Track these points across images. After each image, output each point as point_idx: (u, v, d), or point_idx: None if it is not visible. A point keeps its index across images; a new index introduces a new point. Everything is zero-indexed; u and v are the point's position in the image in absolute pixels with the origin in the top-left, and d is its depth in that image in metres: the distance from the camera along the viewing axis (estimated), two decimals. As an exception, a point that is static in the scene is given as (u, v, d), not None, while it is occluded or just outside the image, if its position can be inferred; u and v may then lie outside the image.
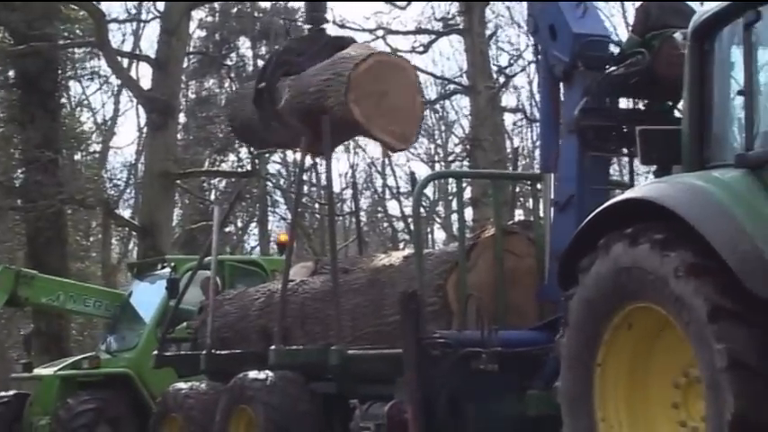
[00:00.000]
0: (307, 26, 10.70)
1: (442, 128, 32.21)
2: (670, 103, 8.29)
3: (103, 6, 26.50)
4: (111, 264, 31.91)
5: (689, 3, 8.25)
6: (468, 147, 26.06)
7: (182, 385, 10.95)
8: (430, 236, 33.53)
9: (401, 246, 30.27)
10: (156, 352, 11.84)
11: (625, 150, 8.33)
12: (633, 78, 8.11)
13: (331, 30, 10.70)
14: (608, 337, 6.36)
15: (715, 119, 6.48)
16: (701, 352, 5.69)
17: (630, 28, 8.84)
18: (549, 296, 8.12)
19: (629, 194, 6.58)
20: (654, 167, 7.60)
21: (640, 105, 8.45)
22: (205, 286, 11.39)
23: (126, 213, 31.01)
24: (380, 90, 9.29)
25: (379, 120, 9.24)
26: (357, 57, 9.44)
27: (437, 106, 32.19)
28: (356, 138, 10.68)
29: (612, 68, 8.22)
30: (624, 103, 8.42)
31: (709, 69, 6.50)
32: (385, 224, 36.91)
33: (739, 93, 6.24)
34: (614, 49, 8.41)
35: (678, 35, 7.74)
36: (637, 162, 8.01)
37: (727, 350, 5.49)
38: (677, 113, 7.99)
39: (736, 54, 6.31)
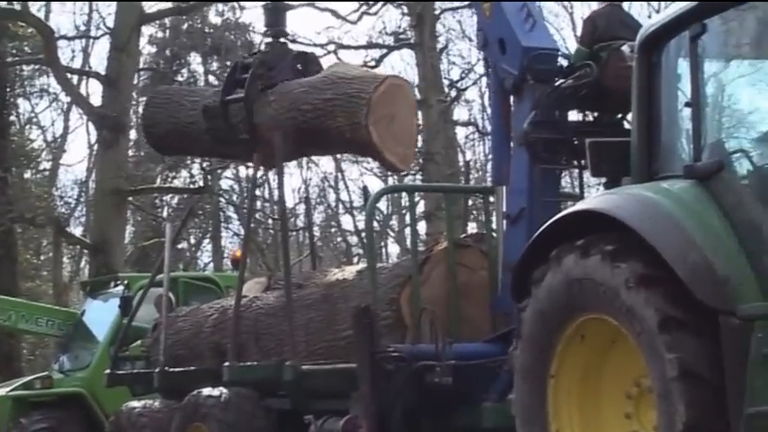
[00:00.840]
0: (267, 39, 10.57)
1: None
2: (619, 116, 8.35)
3: (52, 23, 26.42)
4: (63, 282, 31.67)
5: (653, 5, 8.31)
6: (420, 160, 26.12)
7: (135, 404, 10.86)
8: (384, 250, 33.60)
9: (355, 260, 30.30)
10: (108, 370, 11.74)
11: (575, 163, 8.38)
12: (582, 91, 8.17)
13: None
14: (561, 349, 6.39)
15: (663, 131, 6.53)
16: (652, 362, 5.73)
17: (578, 39, 8.91)
18: (503, 308, 8.16)
19: (579, 206, 6.62)
20: (604, 179, 7.66)
21: (590, 118, 8.50)
22: (159, 304, 11.33)
23: (77, 231, 30.83)
24: (391, 113, 9.33)
25: (389, 142, 9.29)
26: (368, 78, 9.52)
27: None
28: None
29: (561, 81, 8.28)
30: (574, 115, 8.48)
31: (656, 81, 6.56)
32: (339, 239, 36.93)
33: (687, 104, 6.28)
34: (563, 62, 8.47)
35: (626, 47, 7.81)
36: (587, 174, 8.06)
37: (678, 360, 5.53)
38: (626, 125, 8.05)
39: (683, 66, 6.36)
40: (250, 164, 11.15)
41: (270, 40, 10.47)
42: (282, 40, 10.44)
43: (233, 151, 10.60)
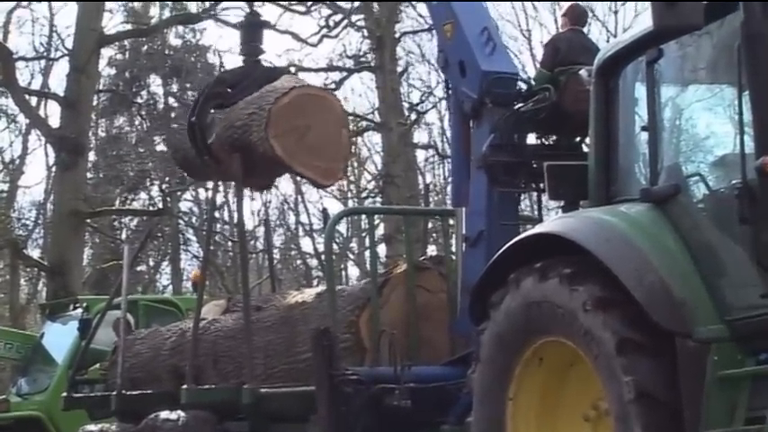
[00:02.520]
0: (242, 57, 10.39)
1: (355, 164, 32.34)
2: (578, 139, 8.40)
3: (11, 44, 26.26)
4: (20, 305, 31.37)
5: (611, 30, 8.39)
6: (380, 183, 26.15)
7: (92, 427, 10.78)
8: (344, 273, 33.52)
9: (315, 283, 30.22)
10: (65, 394, 11.65)
11: (534, 186, 8.42)
12: (541, 114, 8.21)
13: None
14: (519, 372, 6.41)
15: (620, 154, 6.58)
16: (609, 384, 5.76)
17: (539, 63, 8.96)
18: (462, 331, 8.16)
19: (538, 229, 6.66)
20: (562, 202, 7.69)
21: (549, 141, 8.54)
22: (117, 327, 11.25)
23: (35, 253, 30.53)
24: (303, 124, 9.06)
25: (302, 155, 9.00)
26: (279, 90, 9.26)
27: (349, 143, 32.23)
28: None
29: (520, 105, 8.32)
30: (533, 139, 8.52)
31: (613, 105, 6.61)
32: (298, 261, 36.83)
33: (643, 128, 6.35)
34: (523, 86, 8.51)
35: (583, 72, 7.86)
36: (546, 197, 8.10)
37: (635, 382, 5.57)
38: (585, 149, 8.10)
39: (640, 90, 6.43)
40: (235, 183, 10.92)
41: (243, 58, 10.28)
42: (258, 57, 10.23)
43: (205, 174, 10.41)
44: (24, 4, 28.32)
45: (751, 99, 5.50)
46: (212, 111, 9.93)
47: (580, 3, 9.05)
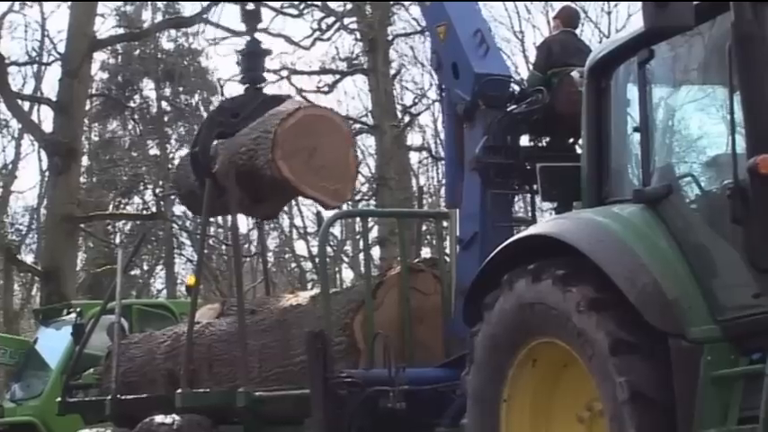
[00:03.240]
0: (244, 85, 10.26)
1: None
2: (571, 140, 8.41)
3: (3, 49, 26.25)
4: (14, 310, 31.34)
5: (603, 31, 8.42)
6: (374, 186, 26.15)
7: (87, 432, 10.78)
8: (338, 275, 33.53)
9: (309, 286, 30.21)
10: (59, 398, 11.63)
11: (527, 187, 8.43)
12: (534, 116, 8.22)
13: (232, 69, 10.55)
14: (513, 373, 6.41)
15: (613, 155, 6.59)
16: (603, 385, 5.77)
17: (532, 65, 8.97)
18: (456, 333, 8.16)
19: (531, 231, 6.67)
20: (555, 204, 7.71)
21: (542, 143, 8.56)
22: (111, 331, 11.24)
23: (28, 258, 30.51)
24: (310, 145, 8.94)
25: (309, 177, 8.86)
26: (284, 111, 9.16)
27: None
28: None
29: (513, 107, 8.33)
30: (526, 140, 8.53)
31: (606, 106, 6.63)
32: (293, 264, 36.81)
33: (635, 129, 6.36)
34: (516, 88, 8.53)
35: (575, 73, 7.88)
36: (539, 198, 8.11)
37: (629, 383, 5.58)
38: (578, 150, 8.11)
39: (632, 91, 6.44)
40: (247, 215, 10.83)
41: (246, 85, 10.16)
42: (259, 85, 10.15)
43: (221, 203, 10.02)
44: (16, 8, 28.30)
45: (742, 99, 5.51)
46: (215, 140, 9.81)
47: (572, 5, 9.07)
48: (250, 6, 10.36)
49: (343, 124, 9.53)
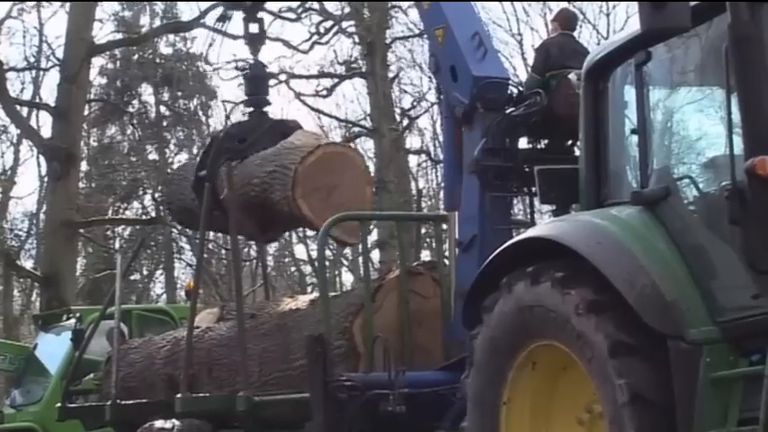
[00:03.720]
0: (248, 109, 10.24)
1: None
2: (569, 143, 8.42)
3: (1, 55, 26.26)
4: (14, 316, 31.34)
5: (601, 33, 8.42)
6: (373, 189, 26.12)
7: (87, 437, 10.78)
8: (338, 279, 33.55)
9: (309, 289, 30.23)
10: (59, 404, 11.63)
11: (525, 190, 8.43)
12: (532, 118, 8.23)
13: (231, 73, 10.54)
14: (512, 376, 6.41)
15: (611, 157, 6.59)
16: (603, 388, 5.76)
17: (530, 67, 8.98)
18: (456, 336, 8.16)
19: (529, 233, 6.66)
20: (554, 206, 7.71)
21: (541, 145, 8.56)
22: (111, 336, 11.24)
23: (28, 264, 30.51)
24: (330, 183, 8.92)
25: (328, 214, 8.72)
26: (303, 148, 9.09)
27: (342, 149, 32.27)
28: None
29: (512, 109, 8.33)
30: (524, 143, 8.53)
31: (603, 108, 6.62)
32: (292, 268, 36.82)
33: (633, 131, 6.37)
34: (514, 91, 8.53)
35: (572, 75, 7.89)
36: (539, 201, 8.11)
37: (628, 385, 5.57)
38: (576, 152, 8.11)
39: (630, 93, 6.44)
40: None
41: (250, 110, 10.14)
42: (264, 109, 10.11)
43: (217, 225, 10.16)
44: (14, 14, 28.29)
45: (739, 100, 5.51)
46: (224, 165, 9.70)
47: (570, 7, 9.09)
48: (254, 29, 10.30)
49: (361, 161, 9.49)
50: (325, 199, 8.82)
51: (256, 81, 10.25)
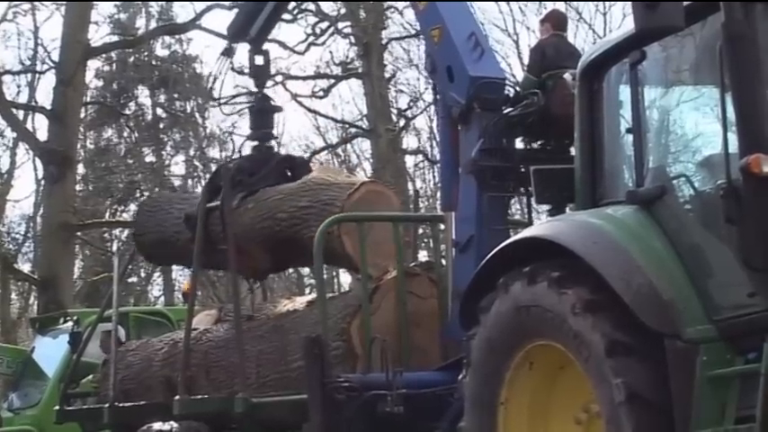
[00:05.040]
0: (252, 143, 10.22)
1: (345, 171, 32.35)
2: (566, 142, 8.41)
3: (-3, 58, 26.23)
4: (11, 319, 31.31)
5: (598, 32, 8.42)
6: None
7: (85, 440, 10.78)
8: (335, 280, 33.53)
9: (307, 290, 30.21)
10: (57, 407, 11.63)
11: (522, 190, 8.43)
12: (529, 119, 8.23)
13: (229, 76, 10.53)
14: (510, 376, 6.41)
15: (606, 157, 6.60)
16: (600, 387, 5.77)
17: (526, 68, 8.99)
18: (453, 336, 8.16)
19: (525, 233, 6.67)
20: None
21: (536, 145, 8.56)
22: (106, 339, 11.24)
23: (25, 267, 30.50)
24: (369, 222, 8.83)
25: (368, 254, 8.69)
26: (342, 185, 9.10)
27: (339, 150, 32.34)
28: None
29: (509, 109, 8.34)
30: (521, 143, 8.53)
31: (598, 108, 6.63)
32: (290, 269, 36.79)
33: (628, 131, 6.37)
34: (511, 91, 8.53)
35: (567, 75, 7.89)
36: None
37: (625, 384, 5.58)
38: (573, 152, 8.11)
39: (625, 93, 6.44)
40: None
41: (255, 143, 10.11)
42: (269, 144, 10.10)
43: (216, 261, 10.04)
44: (9, 17, 28.27)
45: (734, 99, 5.52)
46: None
47: (560, 8, 9.09)
48: (259, 61, 10.28)
49: (396, 199, 9.45)
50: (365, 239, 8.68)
51: (262, 115, 10.21)
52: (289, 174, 9.96)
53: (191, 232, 9.99)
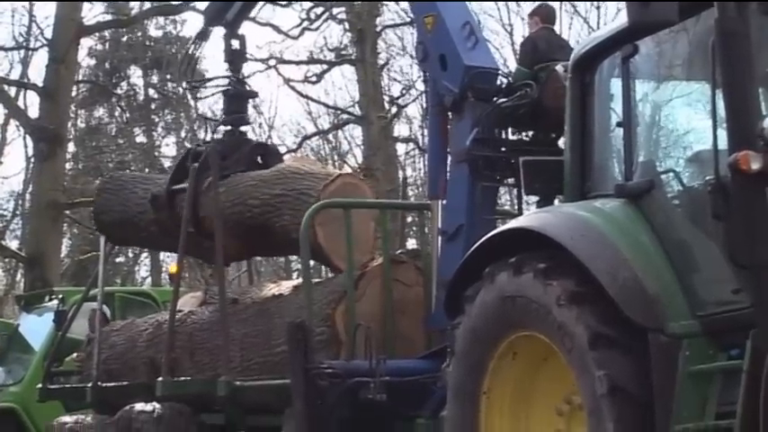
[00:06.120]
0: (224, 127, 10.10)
1: (335, 158, 32.33)
2: (554, 135, 8.41)
3: (-10, 34, 26.14)
4: (-2, 296, 31.30)
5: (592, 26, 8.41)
6: (361, 177, 26.10)
7: (66, 419, 10.76)
8: (322, 266, 33.55)
9: (294, 275, 30.20)
10: (40, 385, 11.61)
11: (513, 180, 8.42)
12: (522, 110, 8.22)
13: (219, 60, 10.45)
14: (493, 366, 6.42)
15: (596, 150, 6.59)
16: (582, 379, 5.78)
17: (517, 61, 8.98)
18: (437, 325, 8.17)
19: (513, 224, 6.67)
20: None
21: (527, 136, 8.55)
22: (92, 318, 11.21)
23: (13, 244, 30.43)
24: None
25: (338, 246, 8.65)
26: (318, 175, 9.02)
27: (330, 136, 32.32)
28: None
29: (503, 100, 8.33)
30: (512, 134, 8.53)
31: (589, 101, 6.63)
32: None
33: (618, 124, 6.37)
34: (503, 81, 8.52)
35: (559, 67, 7.89)
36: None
37: (607, 377, 5.59)
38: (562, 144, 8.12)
39: (616, 86, 6.44)
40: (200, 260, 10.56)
41: (228, 128, 10.02)
42: (242, 128, 10.01)
43: (187, 245, 9.79)
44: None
45: (724, 95, 5.52)
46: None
47: (555, 4, 9.08)
48: (235, 45, 10.22)
49: (370, 193, 9.38)
50: (338, 230, 8.60)
51: (236, 100, 10.11)
52: (260, 161, 9.90)
53: (155, 213, 9.93)
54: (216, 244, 9.38)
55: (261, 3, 18.60)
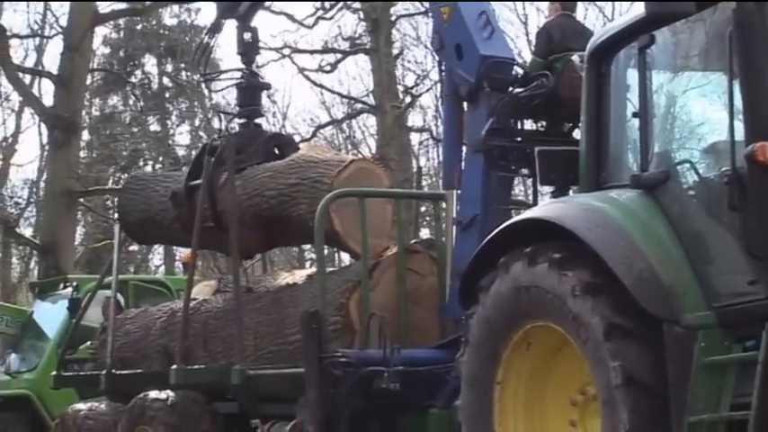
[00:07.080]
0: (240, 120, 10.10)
1: (349, 147, 32.32)
2: (570, 125, 8.39)
3: (5, 21, 26.17)
4: (12, 283, 31.36)
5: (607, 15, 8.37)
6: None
7: (81, 406, 10.78)
8: (336, 255, 33.55)
9: (308, 264, 30.21)
10: (55, 372, 11.65)
11: (529, 171, 8.40)
12: (537, 100, 8.20)
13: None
14: (507, 356, 6.42)
15: (611, 140, 6.57)
16: (597, 369, 5.77)
17: (533, 50, 8.95)
18: (451, 315, 8.17)
19: (528, 214, 6.66)
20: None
21: (541, 126, 8.53)
22: (106, 306, 11.24)
23: (27, 232, 30.51)
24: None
25: (354, 231, 8.64)
26: (331, 162, 9.01)
27: (344, 126, 32.32)
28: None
29: (519, 90, 8.31)
30: (528, 124, 8.50)
31: (605, 91, 6.60)
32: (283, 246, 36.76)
33: (634, 115, 6.35)
34: (519, 71, 8.50)
35: (575, 57, 7.86)
36: (540, 182, 8.08)
37: (622, 367, 5.58)
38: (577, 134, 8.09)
39: (632, 76, 6.42)
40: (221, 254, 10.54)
41: (242, 120, 10.02)
42: (257, 121, 10.00)
43: (202, 240, 9.81)
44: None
45: (741, 86, 5.50)
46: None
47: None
48: (248, 37, 10.19)
49: (385, 177, 9.35)
50: (354, 214, 8.60)
51: (250, 91, 10.09)
52: (276, 152, 9.88)
53: (176, 210, 9.95)
54: (230, 235, 9.38)
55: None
